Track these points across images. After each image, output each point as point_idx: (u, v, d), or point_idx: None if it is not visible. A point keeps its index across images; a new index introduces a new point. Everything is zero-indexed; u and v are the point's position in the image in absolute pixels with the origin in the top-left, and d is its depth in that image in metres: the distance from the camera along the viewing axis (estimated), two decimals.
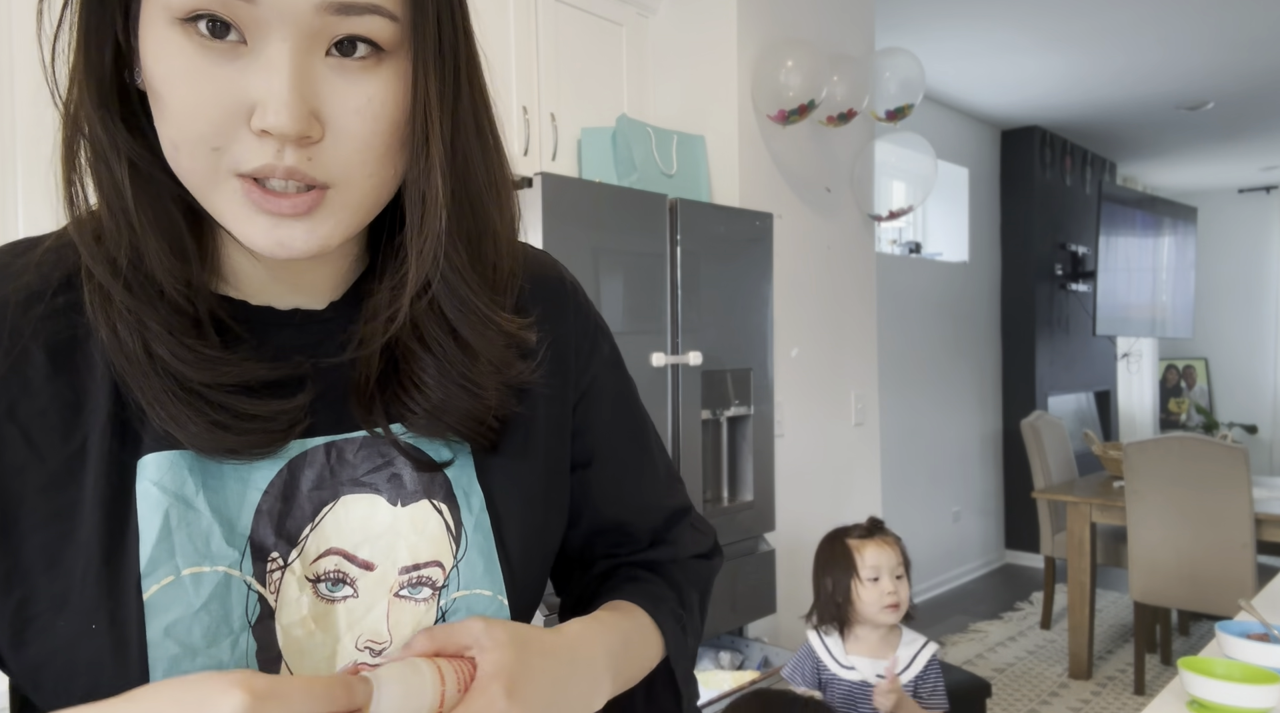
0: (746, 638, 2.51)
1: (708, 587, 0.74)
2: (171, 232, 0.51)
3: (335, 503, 0.55)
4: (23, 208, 1.57)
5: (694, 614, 0.71)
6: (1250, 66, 4.63)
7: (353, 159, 0.49)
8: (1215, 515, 3.50)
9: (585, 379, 0.68)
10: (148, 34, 0.47)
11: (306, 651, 0.53)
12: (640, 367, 2.15)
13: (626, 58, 2.68)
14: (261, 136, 0.46)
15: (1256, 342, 8.00)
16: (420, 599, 0.56)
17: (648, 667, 0.65)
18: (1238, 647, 1.50)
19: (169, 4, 0.45)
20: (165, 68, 0.46)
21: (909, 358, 5.09)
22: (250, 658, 0.51)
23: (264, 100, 0.46)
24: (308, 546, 0.54)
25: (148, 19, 0.47)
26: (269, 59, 0.46)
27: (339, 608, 0.54)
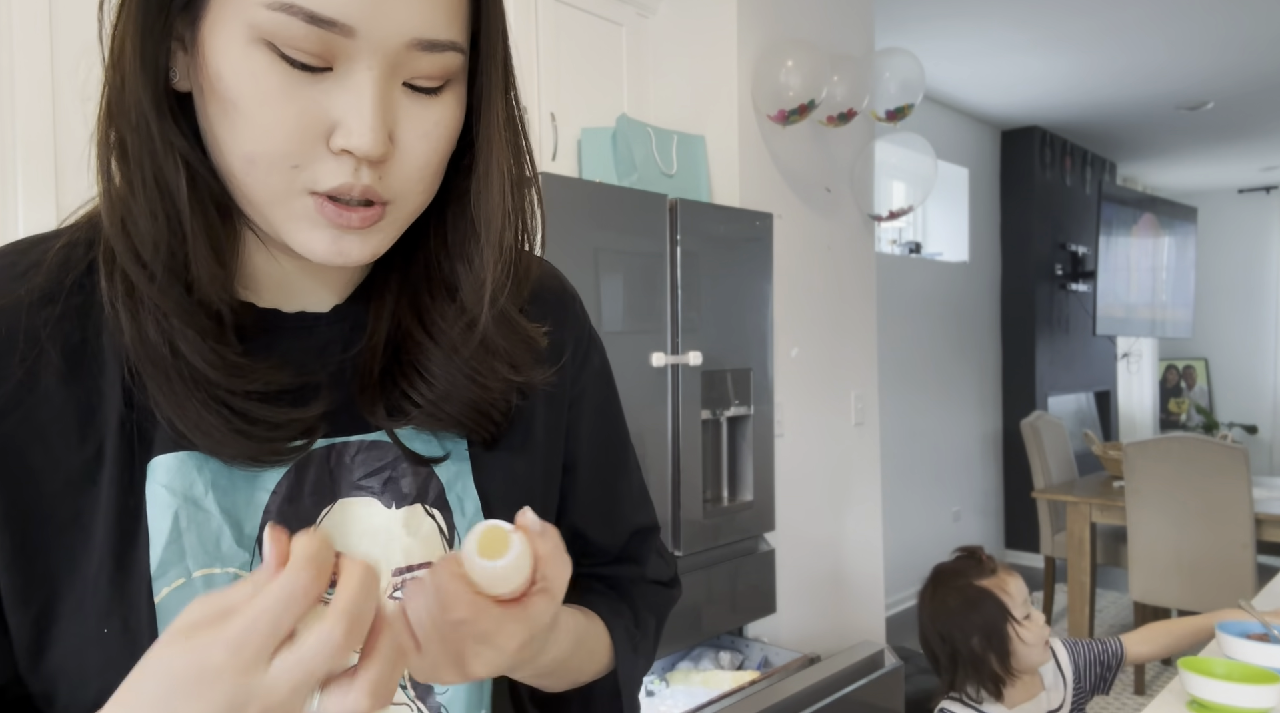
0: (746, 638, 2.51)
1: (664, 614, 0.74)
2: (214, 234, 0.52)
3: (333, 506, 0.55)
4: (23, 208, 1.57)
5: (648, 638, 0.70)
6: (1250, 67, 4.63)
7: (412, 177, 0.51)
8: (1215, 516, 3.50)
9: (576, 388, 0.68)
10: (225, 47, 0.48)
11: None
12: (640, 367, 2.15)
13: (626, 58, 2.68)
14: (341, 155, 0.49)
15: (1256, 342, 8.00)
16: None
17: (589, 672, 0.63)
18: (1238, 647, 1.50)
19: (259, 26, 0.46)
20: (248, 85, 0.47)
21: (909, 358, 5.09)
22: None
23: (348, 123, 0.48)
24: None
25: (225, 32, 0.48)
26: (355, 85, 0.48)
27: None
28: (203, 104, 0.50)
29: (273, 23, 0.46)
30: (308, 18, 0.46)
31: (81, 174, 1.56)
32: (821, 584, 2.94)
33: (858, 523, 3.14)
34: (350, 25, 0.47)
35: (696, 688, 2.17)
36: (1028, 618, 1.56)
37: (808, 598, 2.86)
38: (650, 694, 2.14)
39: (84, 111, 1.58)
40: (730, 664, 2.38)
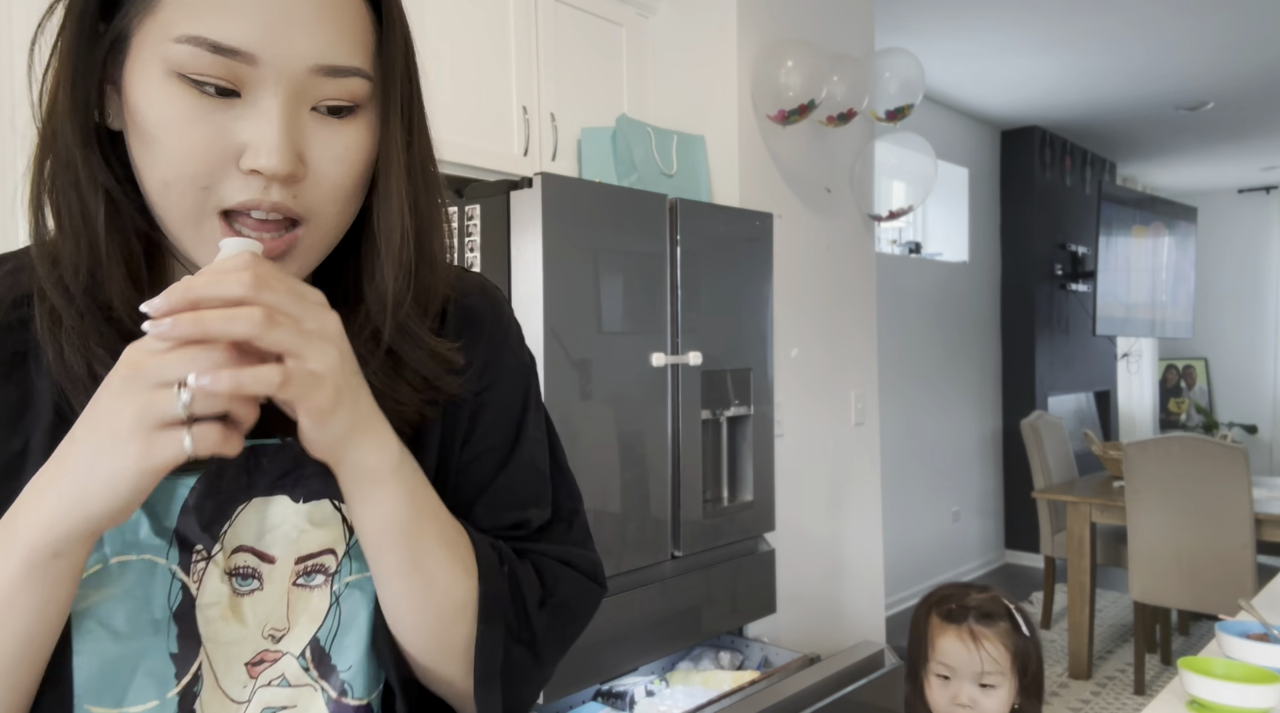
0: (746, 638, 2.51)
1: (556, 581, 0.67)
2: (132, 261, 0.56)
3: (248, 504, 0.59)
4: (23, 207, 1.57)
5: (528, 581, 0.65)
6: (1250, 66, 4.63)
7: (326, 197, 0.55)
8: (1215, 515, 3.50)
9: (481, 398, 0.68)
10: (141, 83, 0.52)
11: (222, 636, 0.57)
12: (640, 367, 2.15)
13: (626, 58, 2.68)
14: (250, 175, 0.52)
15: (1256, 342, 8.00)
16: (315, 586, 0.60)
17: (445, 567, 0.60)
18: (1238, 647, 1.50)
19: (170, 60, 0.51)
20: (162, 114, 0.51)
21: (909, 358, 5.09)
22: (171, 642, 0.56)
23: (256, 145, 0.52)
24: (225, 541, 0.58)
25: (144, 69, 0.52)
26: (262, 109, 0.52)
27: (246, 601, 0.58)
28: (129, 138, 0.54)
29: (181, 54, 0.50)
30: (212, 48, 0.50)
31: None
32: (821, 584, 2.94)
33: (858, 523, 3.14)
34: (253, 53, 0.51)
35: (696, 688, 2.17)
36: (945, 681, 1.37)
37: (808, 598, 2.86)
38: (650, 694, 2.14)
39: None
40: (730, 664, 2.38)
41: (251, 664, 0.58)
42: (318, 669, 0.59)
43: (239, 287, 0.47)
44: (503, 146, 2.29)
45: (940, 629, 1.40)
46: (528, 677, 0.65)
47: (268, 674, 0.58)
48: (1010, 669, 1.36)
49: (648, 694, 2.13)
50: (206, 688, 0.57)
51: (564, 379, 1.93)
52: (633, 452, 2.13)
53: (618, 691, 2.12)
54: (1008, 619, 1.39)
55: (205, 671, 0.57)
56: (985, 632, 1.37)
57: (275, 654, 0.58)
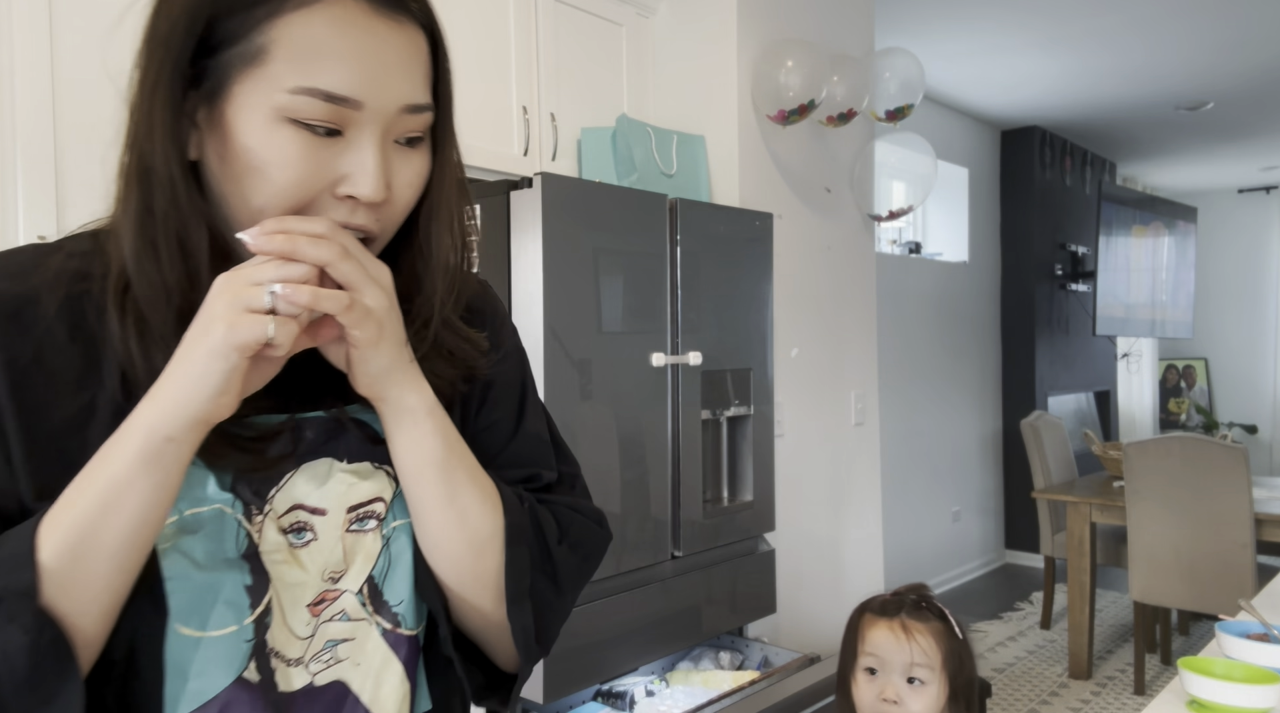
0: (746, 638, 2.51)
1: (576, 534, 0.76)
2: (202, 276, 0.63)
3: (296, 471, 0.67)
4: (23, 208, 1.57)
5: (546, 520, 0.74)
6: (1250, 66, 4.63)
7: (396, 217, 0.65)
8: (1215, 515, 3.50)
9: (491, 375, 0.78)
10: (247, 123, 0.59)
11: (286, 578, 0.65)
12: (640, 367, 2.15)
13: (626, 58, 2.68)
14: (343, 199, 0.61)
15: (1256, 342, 8.00)
16: (367, 530, 0.68)
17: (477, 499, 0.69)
18: (1238, 647, 1.50)
19: (283, 107, 0.58)
20: (273, 153, 0.59)
21: (909, 358, 5.09)
22: (245, 575, 0.63)
23: (356, 176, 0.60)
24: (276, 503, 0.65)
25: (250, 112, 0.59)
26: (362, 146, 0.60)
27: (303, 552, 0.66)
28: (217, 169, 0.61)
29: (296, 103, 0.58)
30: (326, 97, 0.58)
31: (79, 171, 1.56)
32: (821, 584, 2.95)
33: (858, 523, 3.14)
34: (358, 100, 0.59)
35: (696, 688, 2.17)
36: (872, 675, 1.34)
37: (808, 598, 2.86)
38: (650, 694, 2.14)
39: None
40: (730, 664, 2.38)
41: (313, 605, 0.66)
42: (373, 604, 0.68)
43: (322, 226, 0.59)
44: (503, 146, 2.29)
45: (871, 622, 1.37)
46: (551, 606, 0.73)
47: (329, 611, 0.66)
48: (941, 668, 1.31)
49: (648, 694, 2.13)
50: (275, 622, 0.64)
51: (564, 379, 1.93)
52: (633, 452, 2.13)
53: (618, 691, 2.12)
54: (941, 620, 1.35)
55: (275, 606, 0.64)
56: (917, 625, 1.34)
57: (335, 593, 0.66)
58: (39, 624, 0.54)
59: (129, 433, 0.57)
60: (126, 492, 0.56)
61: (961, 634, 1.35)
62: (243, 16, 0.58)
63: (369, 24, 0.60)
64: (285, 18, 0.58)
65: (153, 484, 0.57)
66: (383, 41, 0.60)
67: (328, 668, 0.66)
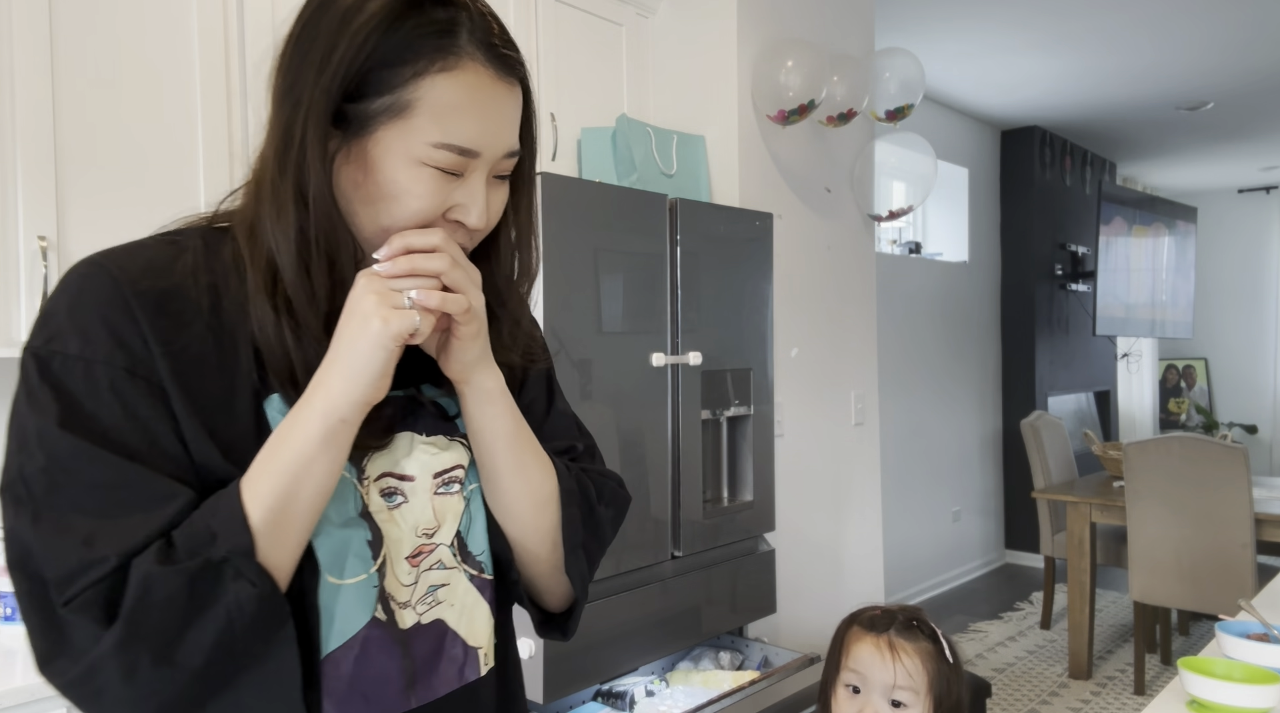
0: (746, 638, 2.51)
1: (602, 486, 0.91)
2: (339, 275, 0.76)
3: (391, 437, 0.78)
4: (23, 208, 1.57)
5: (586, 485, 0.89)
6: (1250, 66, 4.63)
7: (481, 236, 0.78)
8: (1215, 515, 3.50)
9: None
10: (388, 161, 0.71)
11: (390, 534, 0.76)
12: (640, 367, 2.15)
13: (626, 58, 2.68)
14: (453, 222, 0.74)
15: (1256, 342, 8.01)
16: (452, 493, 0.80)
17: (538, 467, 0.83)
18: (1237, 647, 1.50)
19: (422, 155, 0.71)
20: (409, 188, 0.71)
21: (909, 358, 5.09)
22: (365, 531, 0.74)
23: (467, 206, 0.74)
24: (368, 470, 0.76)
25: (395, 153, 0.71)
26: (474, 183, 0.74)
27: (397, 513, 0.77)
28: (350, 192, 0.73)
29: (434, 154, 0.71)
30: (459, 151, 0.72)
31: (79, 171, 1.56)
32: (821, 584, 2.95)
33: (858, 523, 3.14)
34: (479, 151, 0.73)
35: (696, 688, 2.17)
36: (854, 693, 1.29)
37: (808, 598, 2.86)
38: (650, 694, 2.15)
39: None
40: (730, 664, 2.38)
41: (411, 557, 0.77)
42: (460, 555, 0.80)
43: (438, 237, 0.72)
44: None
45: (857, 637, 1.32)
46: (595, 556, 0.90)
47: (427, 561, 0.78)
48: (927, 691, 1.26)
49: (648, 694, 2.13)
50: (388, 572, 0.75)
51: (564, 379, 1.93)
52: (633, 452, 2.13)
53: (618, 691, 2.12)
54: (931, 641, 1.30)
55: (388, 558, 0.75)
56: (905, 644, 1.28)
57: (430, 546, 0.78)
58: (261, 577, 0.65)
59: (308, 417, 0.68)
60: (312, 466, 0.68)
61: (952, 658, 1.30)
62: (395, 72, 0.70)
63: (492, 87, 0.73)
64: (430, 78, 0.70)
65: (330, 458, 0.69)
66: (500, 102, 0.74)
67: (430, 609, 0.78)
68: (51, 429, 0.65)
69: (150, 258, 0.72)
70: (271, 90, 0.73)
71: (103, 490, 0.65)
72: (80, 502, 0.65)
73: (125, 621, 0.62)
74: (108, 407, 0.67)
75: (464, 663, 0.80)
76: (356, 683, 0.72)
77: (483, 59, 0.72)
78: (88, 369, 0.67)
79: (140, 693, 0.63)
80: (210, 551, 0.64)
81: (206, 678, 0.64)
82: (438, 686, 0.77)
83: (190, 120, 1.78)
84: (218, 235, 0.76)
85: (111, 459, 0.65)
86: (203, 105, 1.79)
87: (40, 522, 0.64)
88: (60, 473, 0.65)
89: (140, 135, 1.71)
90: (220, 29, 1.81)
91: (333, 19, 0.70)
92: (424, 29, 0.70)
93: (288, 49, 0.73)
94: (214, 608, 0.63)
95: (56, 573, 0.63)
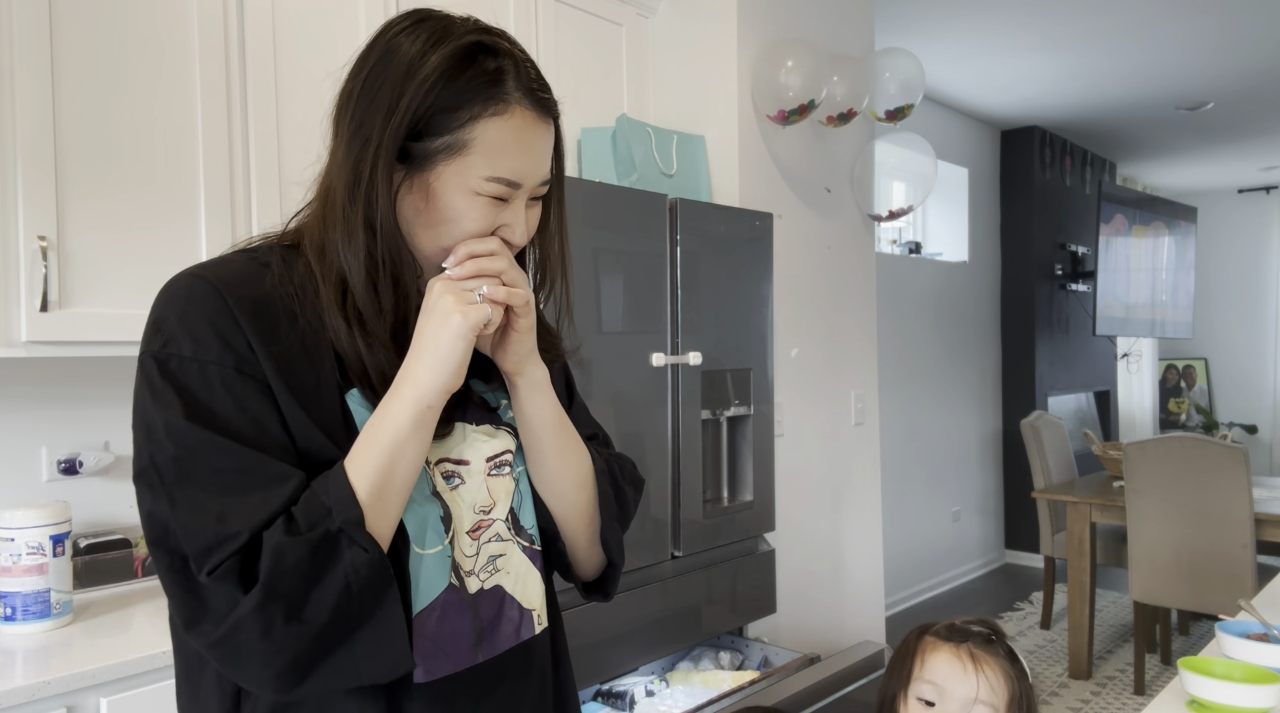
0: (746, 638, 2.51)
1: (625, 469, 1.04)
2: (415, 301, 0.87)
3: (451, 425, 0.87)
4: (23, 208, 1.57)
5: (614, 467, 1.02)
6: (1250, 66, 4.63)
7: (516, 252, 0.87)
8: (1215, 515, 3.50)
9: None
10: (447, 189, 0.81)
11: (454, 510, 0.86)
12: (640, 367, 2.15)
13: (626, 58, 2.68)
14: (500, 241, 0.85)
15: (1256, 342, 8.00)
16: (503, 475, 0.91)
17: (579, 452, 0.95)
18: (1237, 647, 1.50)
19: (477, 186, 0.81)
20: (464, 214, 0.82)
21: (909, 358, 5.09)
22: (439, 508, 0.84)
23: (512, 227, 0.85)
24: (429, 456, 0.85)
25: (453, 185, 0.81)
26: (517, 208, 0.85)
27: (456, 493, 0.87)
28: (412, 217, 0.83)
29: (487, 186, 0.82)
30: (508, 184, 0.83)
31: (79, 171, 1.56)
32: (821, 584, 2.95)
33: (858, 523, 3.14)
34: (522, 183, 0.84)
35: (696, 688, 2.17)
36: (929, 707, 1.20)
37: (808, 598, 2.86)
38: (650, 694, 2.14)
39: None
40: (730, 664, 2.38)
41: (471, 531, 0.87)
42: (514, 529, 0.91)
43: (495, 243, 0.84)
44: None
45: (933, 647, 1.22)
46: (624, 526, 1.03)
47: (486, 535, 0.88)
48: (1005, 709, 1.18)
49: (648, 694, 2.13)
50: (456, 544, 0.85)
51: None
52: (633, 452, 2.13)
53: (618, 691, 2.12)
54: (1010, 660, 1.21)
55: (456, 532, 0.86)
56: (987, 657, 1.19)
57: (488, 522, 0.88)
58: (371, 543, 0.75)
59: (400, 405, 0.78)
60: (405, 447, 0.78)
61: (1030, 677, 1.23)
62: (454, 116, 0.80)
63: (534, 128, 0.84)
64: (484, 121, 0.81)
65: (419, 440, 0.79)
66: (539, 139, 0.85)
67: (491, 577, 0.88)
68: (179, 421, 0.75)
69: (242, 270, 0.83)
70: (334, 125, 0.84)
71: (229, 475, 0.74)
72: (208, 485, 0.74)
73: (263, 585, 0.71)
74: (222, 401, 0.76)
75: (520, 623, 0.90)
76: (439, 639, 0.82)
77: (527, 104, 0.83)
78: (201, 369, 0.77)
79: (276, 647, 0.72)
80: (328, 522, 0.74)
81: (330, 633, 0.73)
82: (500, 643, 0.88)
83: (190, 120, 1.78)
84: (291, 253, 0.86)
85: (233, 446, 0.75)
86: (203, 105, 1.79)
87: (176, 503, 0.74)
88: (189, 460, 0.74)
89: (140, 135, 1.71)
90: (220, 29, 1.81)
91: (398, 68, 0.81)
92: (478, 79, 0.81)
93: (354, 90, 0.83)
94: (334, 571, 0.73)
95: (195, 548, 0.72)
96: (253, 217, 1.85)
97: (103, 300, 1.65)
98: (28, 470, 1.85)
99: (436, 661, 0.82)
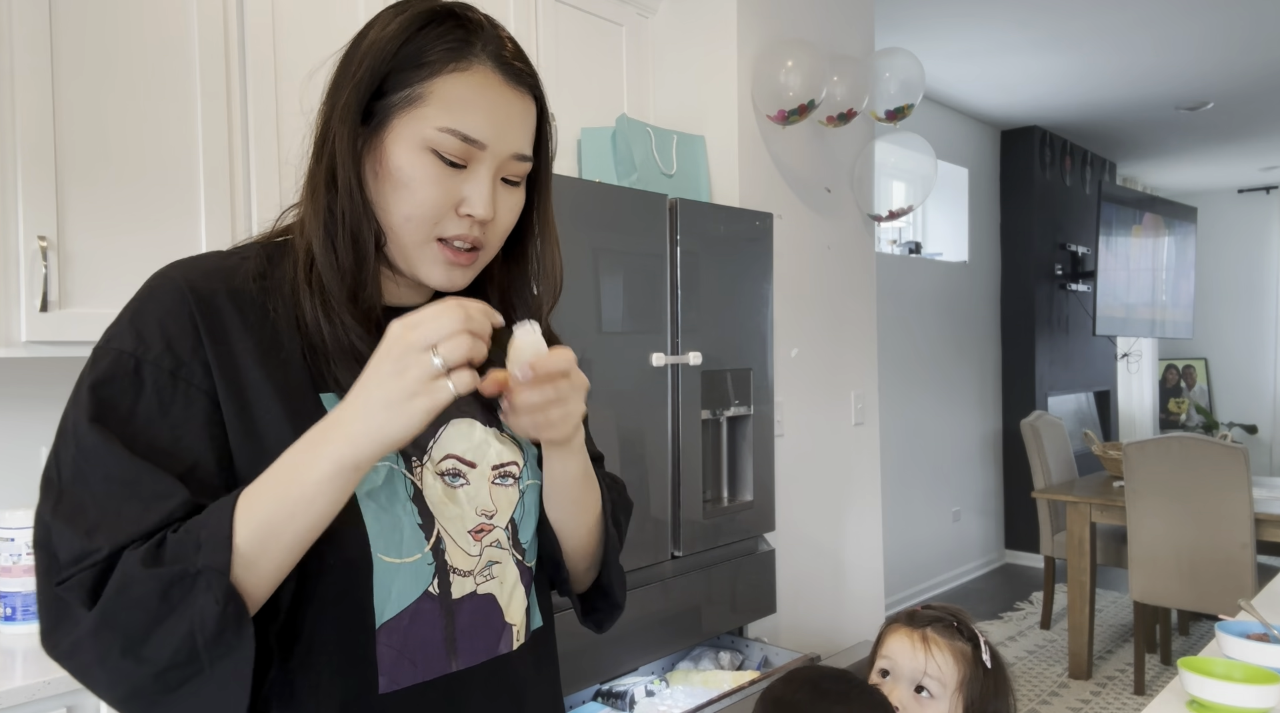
0: (746, 638, 2.51)
1: (623, 503, 1.04)
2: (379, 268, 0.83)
3: (447, 425, 0.85)
4: (23, 208, 1.57)
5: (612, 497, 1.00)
6: (1250, 66, 4.63)
7: (498, 235, 0.84)
8: (1215, 515, 3.50)
9: None
10: (400, 148, 0.78)
11: (447, 513, 0.82)
12: (640, 367, 2.15)
13: (626, 58, 2.68)
14: (464, 217, 0.80)
15: (1256, 342, 8.01)
16: (507, 485, 0.88)
17: (595, 496, 0.93)
18: (1237, 647, 1.50)
19: (429, 139, 0.77)
20: (416, 172, 0.78)
21: (909, 358, 5.09)
22: (415, 516, 0.80)
23: (474, 200, 0.79)
24: (433, 453, 0.83)
25: (405, 141, 0.77)
26: (480, 178, 0.79)
27: (459, 491, 0.84)
28: (372, 183, 0.79)
29: (439, 138, 0.77)
30: (462, 138, 0.77)
31: (79, 171, 1.56)
32: (821, 584, 2.95)
33: (858, 523, 3.14)
34: (484, 142, 0.78)
35: (696, 688, 2.17)
36: (885, 676, 1.31)
37: (808, 598, 2.86)
38: (650, 694, 2.14)
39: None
40: (730, 664, 2.38)
41: (474, 532, 0.84)
42: (511, 541, 0.88)
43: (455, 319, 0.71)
44: None
45: (893, 631, 1.35)
46: (618, 553, 1.01)
47: (488, 539, 0.85)
48: (955, 689, 1.26)
49: (648, 694, 2.13)
50: (450, 546, 0.82)
51: None
52: (633, 452, 2.13)
53: (618, 691, 2.12)
54: (970, 644, 1.30)
55: (445, 535, 0.82)
56: (939, 640, 1.29)
57: (490, 526, 0.85)
58: (227, 596, 0.67)
59: (319, 460, 0.70)
60: (310, 505, 0.70)
61: (991, 664, 1.29)
62: (412, 73, 0.77)
63: (500, 89, 0.79)
64: (443, 77, 0.77)
65: (330, 500, 0.71)
66: (508, 103, 0.80)
67: (486, 582, 0.85)
68: (84, 422, 0.72)
69: (216, 264, 0.81)
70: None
71: (115, 484, 0.71)
72: (98, 491, 0.70)
73: (100, 610, 0.67)
74: (145, 403, 0.73)
75: (501, 635, 0.87)
76: (406, 649, 0.79)
77: (493, 65, 0.79)
78: (137, 366, 0.74)
79: (113, 678, 0.68)
80: (191, 560, 0.68)
81: (172, 677, 0.68)
82: (478, 652, 0.84)
83: (190, 120, 1.78)
84: (278, 247, 0.83)
85: (125, 456, 0.71)
86: (203, 105, 1.79)
87: (60, 506, 0.71)
88: (85, 463, 0.71)
89: (140, 135, 1.71)
90: (220, 29, 1.81)
91: (367, 39, 0.80)
92: (442, 38, 0.78)
93: (333, 70, 0.81)
94: (180, 616, 0.67)
95: (62, 556, 0.69)
96: (253, 217, 1.85)
97: (103, 300, 1.65)
98: (28, 471, 1.85)
99: (401, 669, 0.78)
